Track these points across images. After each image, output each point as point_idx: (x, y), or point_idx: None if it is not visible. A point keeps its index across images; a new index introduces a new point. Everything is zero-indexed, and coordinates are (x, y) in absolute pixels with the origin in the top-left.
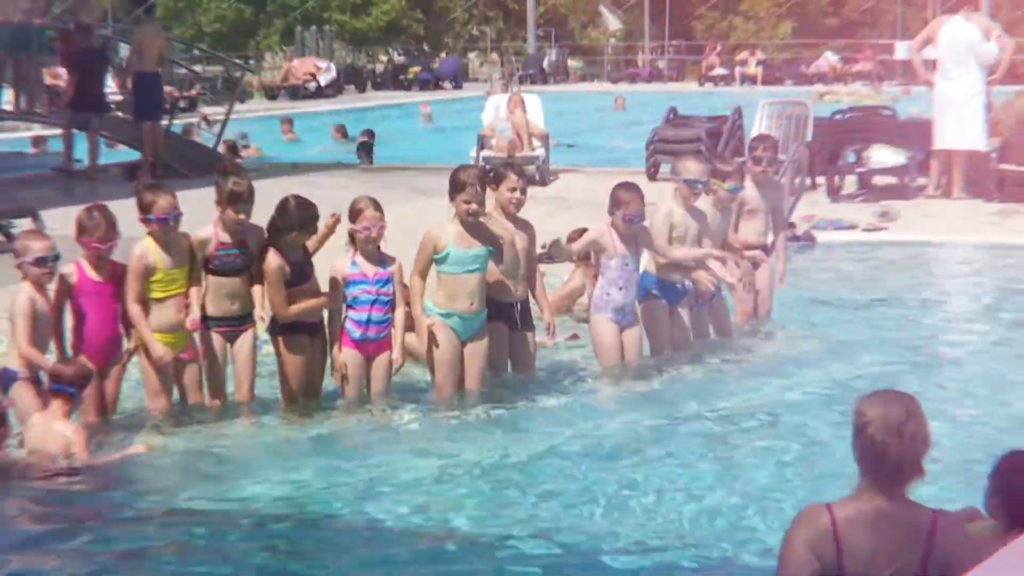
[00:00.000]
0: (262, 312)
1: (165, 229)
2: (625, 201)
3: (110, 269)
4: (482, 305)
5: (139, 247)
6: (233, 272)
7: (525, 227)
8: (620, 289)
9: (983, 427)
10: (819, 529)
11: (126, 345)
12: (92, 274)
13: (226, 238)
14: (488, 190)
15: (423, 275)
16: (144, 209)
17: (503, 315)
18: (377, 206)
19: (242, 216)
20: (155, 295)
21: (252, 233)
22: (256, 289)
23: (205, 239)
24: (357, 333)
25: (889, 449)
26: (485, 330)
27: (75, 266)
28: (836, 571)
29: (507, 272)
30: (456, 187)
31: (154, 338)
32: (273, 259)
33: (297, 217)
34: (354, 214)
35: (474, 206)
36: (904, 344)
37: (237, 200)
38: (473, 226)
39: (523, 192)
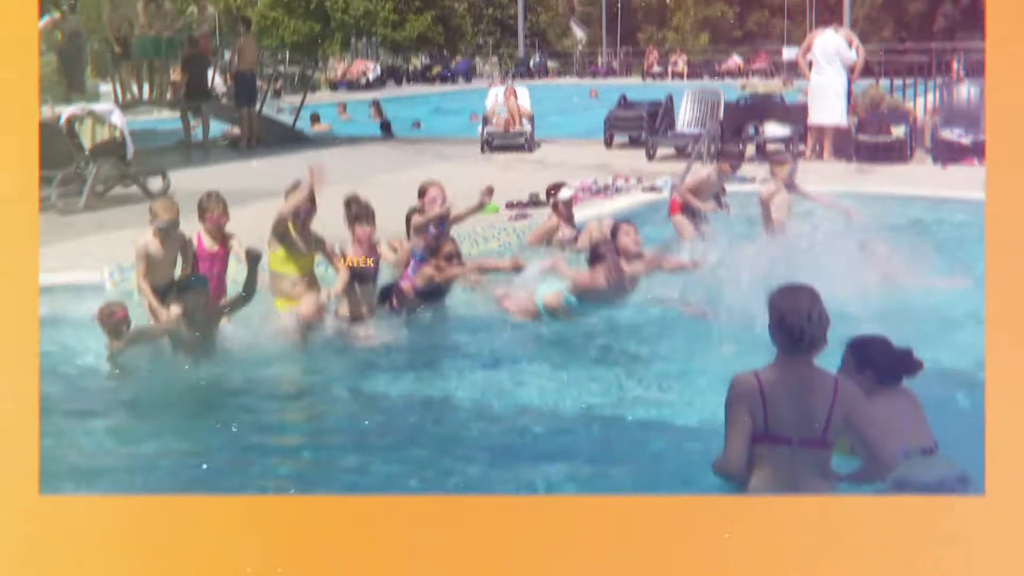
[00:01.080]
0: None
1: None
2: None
3: (222, 239)
4: None
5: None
6: None
7: None
8: None
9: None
10: (750, 391)
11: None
12: (208, 243)
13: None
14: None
15: None
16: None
17: None
18: (440, 187)
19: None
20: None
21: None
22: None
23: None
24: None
25: (804, 332)
26: None
27: (196, 237)
28: (763, 425)
29: None
30: None
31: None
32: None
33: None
34: (421, 192)
35: None
36: (782, 261)
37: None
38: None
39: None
